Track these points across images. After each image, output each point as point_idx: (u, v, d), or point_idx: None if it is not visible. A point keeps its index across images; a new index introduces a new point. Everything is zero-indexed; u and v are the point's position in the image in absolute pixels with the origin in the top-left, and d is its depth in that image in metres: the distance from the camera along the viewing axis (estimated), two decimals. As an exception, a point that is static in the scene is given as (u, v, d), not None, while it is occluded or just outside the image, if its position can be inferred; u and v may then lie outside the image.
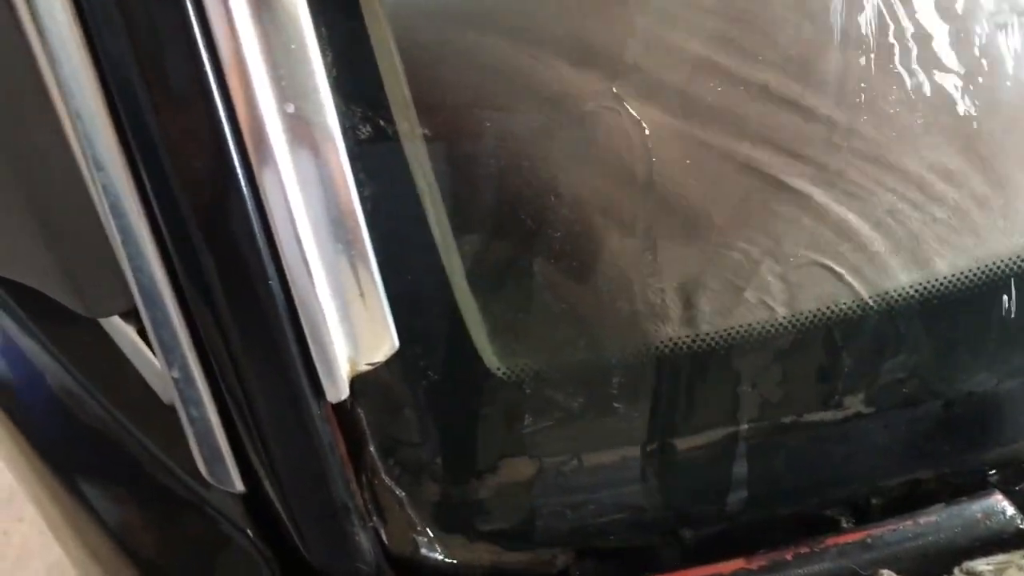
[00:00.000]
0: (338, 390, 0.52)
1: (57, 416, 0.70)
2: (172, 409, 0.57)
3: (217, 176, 0.47)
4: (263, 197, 0.48)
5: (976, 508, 0.60)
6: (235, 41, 0.46)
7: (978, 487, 0.62)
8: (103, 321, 0.62)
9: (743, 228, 0.58)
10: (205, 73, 0.45)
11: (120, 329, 0.62)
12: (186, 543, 0.65)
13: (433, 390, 0.56)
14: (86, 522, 0.70)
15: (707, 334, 0.58)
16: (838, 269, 0.58)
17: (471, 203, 0.56)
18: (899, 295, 0.59)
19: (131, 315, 0.58)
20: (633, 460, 0.59)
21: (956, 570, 0.56)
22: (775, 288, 0.58)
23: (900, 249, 0.59)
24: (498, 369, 0.57)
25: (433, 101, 0.55)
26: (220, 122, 0.46)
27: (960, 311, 0.60)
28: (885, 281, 0.59)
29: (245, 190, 0.47)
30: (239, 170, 0.47)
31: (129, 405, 0.64)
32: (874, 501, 0.63)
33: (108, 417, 0.65)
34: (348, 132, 0.51)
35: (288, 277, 0.49)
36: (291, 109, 0.48)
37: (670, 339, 0.57)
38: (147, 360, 0.61)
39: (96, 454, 0.69)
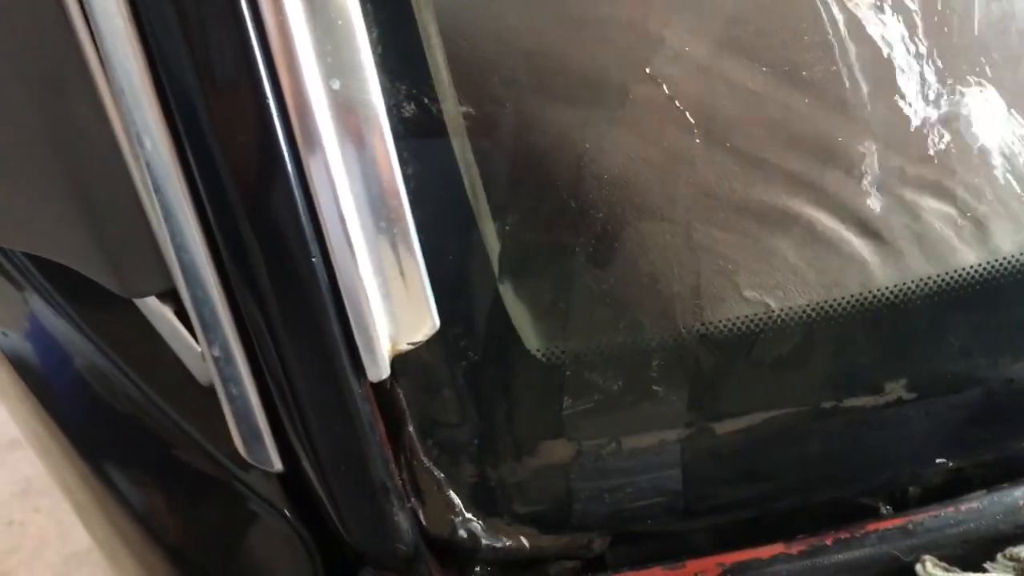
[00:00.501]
0: (379, 369, 0.52)
1: (87, 399, 0.70)
2: (208, 390, 0.57)
3: (262, 152, 0.47)
4: (308, 174, 0.48)
5: (1018, 495, 0.59)
6: (282, 17, 0.46)
7: (1019, 474, 0.61)
8: (139, 302, 0.62)
9: (783, 212, 0.57)
10: (252, 49, 0.45)
11: (156, 310, 0.62)
12: (220, 525, 0.65)
13: (473, 371, 0.56)
14: (115, 506, 0.70)
15: (747, 317, 0.57)
16: (881, 254, 0.58)
17: (511, 184, 0.56)
18: (942, 280, 0.59)
19: (167, 296, 0.58)
20: (672, 444, 0.58)
21: (999, 556, 0.55)
22: (816, 272, 0.57)
23: (943, 234, 0.59)
24: (538, 351, 0.56)
25: (474, 81, 0.55)
26: (266, 98, 0.46)
27: (1004, 298, 0.60)
28: (928, 267, 0.58)
29: (290, 167, 0.47)
30: (284, 146, 0.47)
31: (164, 386, 0.64)
32: (912, 489, 0.63)
33: (142, 398, 0.65)
34: (392, 110, 0.51)
35: (331, 255, 0.49)
36: (336, 85, 0.48)
37: (710, 322, 0.57)
38: (184, 341, 0.61)
39: (127, 437, 0.69)
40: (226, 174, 0.47)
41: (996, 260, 0.59)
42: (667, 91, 0.57)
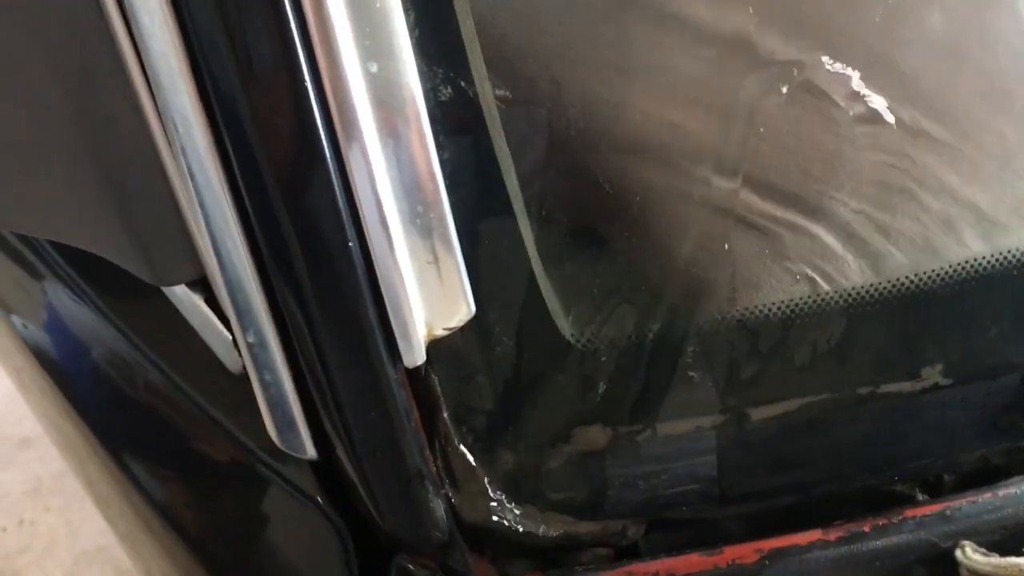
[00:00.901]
0: (415, 354, 0.52)
1: (107, 388, 0.70)
2: (237, 379, 0.57)
3: (299, 137, 0.47)
4: (345, 158, 0.48)
5: (1058, 480, 0.59)
6: (319, 1, 0.45)
7: (1056, 461, 0.61)
8: (168, 290, 0.62)
9: (819, 198, 0.57)
10: (290, 32, 0.45)
11: (187, 298, 0.62)
12: (247, 515, 0.65)
13: (507, 357, 0.56)
14: (138, 497, 0.70)
15: (784, 303, 0.57)
16: (918, 238, 0.58)
17: (546, 168, 0.56)
18: (978, 264, 0.58)
19: (197, 284, 0.57)
20: (707, 430, 0.58)
21: (1039, 542, 0.55)
22: (853, 258, 0.57)
23: (980, 217, 0.58)
24: (572, 336, 0.56)
25: (508, 64, 0.55)
26: (304, 82, 0.46)
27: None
28: (963, 250, 0.58)
29: (327, 151, 0.47)
30: (322, 131, 0.47)
31: (194, 375, 0.63)
32: (947, 477, 0.63)
33: (168, 388, 0.65)
34: (428, 94, 0.50)
35: (368, 240, 0.49)
36: (374, 68, 0.48)
37: (746, 308, 0.57)
38: (215, 328, 0.61)
39: (149, 427, 0.69)
40: (263, 158, 0.47)
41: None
42: (702, 73, 0.57)
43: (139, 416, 0.70)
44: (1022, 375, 0.61)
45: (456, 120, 0.52)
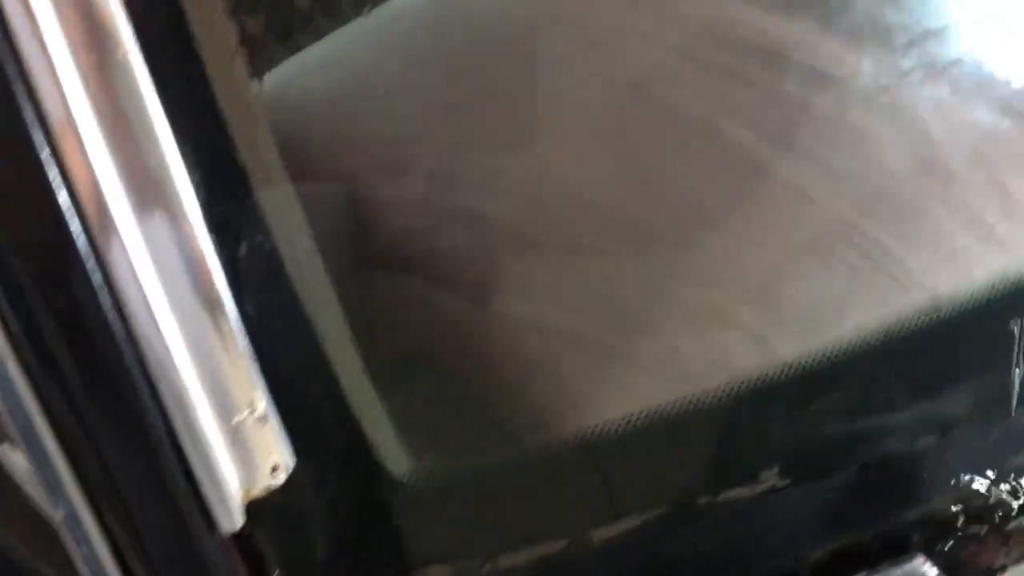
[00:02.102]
0: (233, 520, 0.50)
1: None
2: (68, 538, 0.55)
3: (77, 303, 0.45)
4: (135, 334, 0.46)
5: (898, 574, 0.59)
6: (82, 150, 0.44)
7: (901, 549, 0.61)
8: (-9, 451, 0.59)
9: (647, 310, 0.57)
10: (48, 180, 0.44)
11: (8, 454, 0.59)
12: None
13: (335, 505, 0.54)
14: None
15: (618, 420, 0.56)
16: (744, 342, 0.58)
17: (361, 301, 0.54)
18: (802, 362, 0.58)
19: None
20: (550, 557, 0.57)
21: (881, 644, 0.55)
22: (684, 367, 0.57)
23: (801, 312, 0.59)
24: (402, 475, 0.55)
25: (314, 196, 0.53)
26: (72, 240, 0.44)
27: (865, 372, 0.60)
28: (786, 349, 0.58)
29: (116, 327, 0.46)
30: (99, 295, 0.45)
31: (25, 534, 0.61)
32: (799, 574, 0.62)
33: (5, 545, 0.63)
34: (222, 250, 0.48)
35: (168, 411, 0.47)
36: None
37: (580, 429, 0.56)
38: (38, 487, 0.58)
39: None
40: (44, 323, 0.46)
41: (858, 336, 0.59)
42: (527, 188, 0.57)
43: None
44: (859, 466, 0.61)
45: (258, 273, 0.51)
